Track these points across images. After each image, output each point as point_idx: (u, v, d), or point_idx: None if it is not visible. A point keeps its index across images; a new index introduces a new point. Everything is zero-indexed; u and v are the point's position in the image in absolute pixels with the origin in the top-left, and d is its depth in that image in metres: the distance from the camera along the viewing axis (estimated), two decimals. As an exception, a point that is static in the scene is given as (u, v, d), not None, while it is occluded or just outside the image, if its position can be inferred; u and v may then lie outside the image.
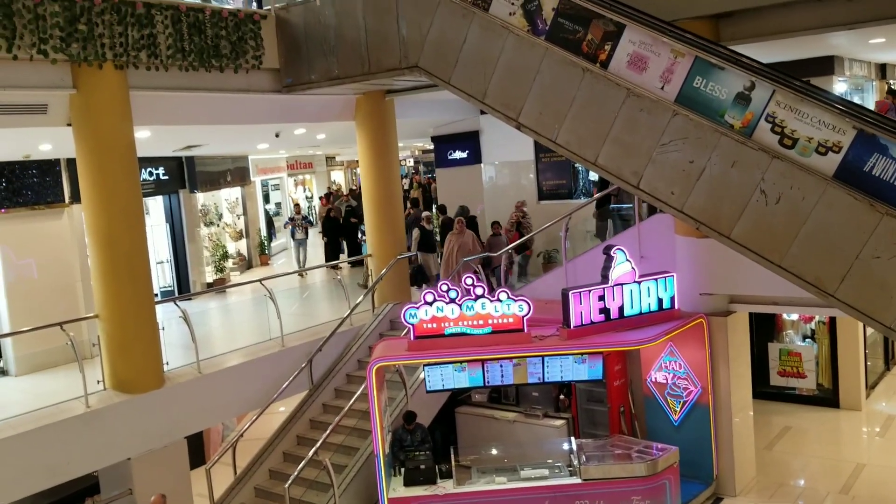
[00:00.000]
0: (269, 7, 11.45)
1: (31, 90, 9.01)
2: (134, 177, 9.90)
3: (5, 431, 8.65)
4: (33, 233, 12.26)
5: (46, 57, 8.75)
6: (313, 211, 25.96)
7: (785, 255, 7.41)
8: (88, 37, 9.07)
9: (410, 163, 38.83)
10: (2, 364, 11.80)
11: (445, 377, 9.46)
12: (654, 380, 10.50)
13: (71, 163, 12.23)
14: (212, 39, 10.38)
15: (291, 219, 20.39)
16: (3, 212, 11.85)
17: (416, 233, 14.92)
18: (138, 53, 9.60)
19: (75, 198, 12.34)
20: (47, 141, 10.91)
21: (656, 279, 9.69)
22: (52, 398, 9.47)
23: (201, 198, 18.64)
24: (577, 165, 15.10)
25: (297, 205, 22.90)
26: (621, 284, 9.45)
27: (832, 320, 12.92)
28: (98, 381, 9.70)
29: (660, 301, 9.73)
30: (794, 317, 13.37)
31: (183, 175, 16.94)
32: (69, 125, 9.59)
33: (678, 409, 10.33)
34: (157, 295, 11.88)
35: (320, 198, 23.34)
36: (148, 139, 11.58)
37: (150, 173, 15.83)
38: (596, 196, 13.04)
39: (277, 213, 25.29)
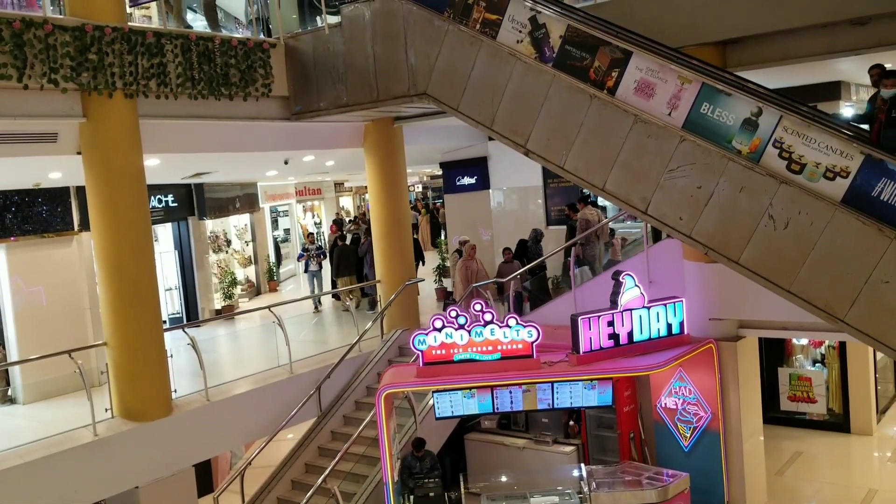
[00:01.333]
0: (278, 36, 11.58)
1: (42, 119, 9.10)
2: (143, 205, 9.95)
3: (14, 460, 8.62)
4: (42, 260, 12.29)
5: (57, 86, 8.85)
6: (322, 237, 25.89)
7: (794, 280, 7.40)
8: (99, 66, 9.18)
9: (419, 188, 38.92)
10: (10, 392, 11.78)
11: (455, 404, 9.40)
12: (663, 405, 10.42)
13: (80, 191, 12.29)
14: (221, 68, 10.49)
15: (305, 250, 18.70)
16: (13, 240, 11.89)
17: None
18: (148, 82, 9.70)
19: (84, 225, 12.40)
20: (57, 169, 10.99)
21: (665, 304, 9.66)
22: (60, 426, 9.45)
23: (210, 224, 18.70)
24: (585, 191, 15.09)
25: (309, 234, 21.49)
26: (630, 310, 9.42)
27: (842, 345, 12.82)
28: (106, 409, 9.68)
29: (669, 326, 9.69)
30: (804, 342, 13.27)
31: (192, 202, 17.03)
32: (79, 153, 9.67)
33: (688, 435, 10.24)
34: (165, 322, 11.87)
35: (330, 226, 22.71)
36: (157, 167, 11.65)
37: (160, 200, 15.91)
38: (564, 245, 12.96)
39: (286, 240, 25.34)
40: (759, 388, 10.83)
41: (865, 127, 7.53)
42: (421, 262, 15.76)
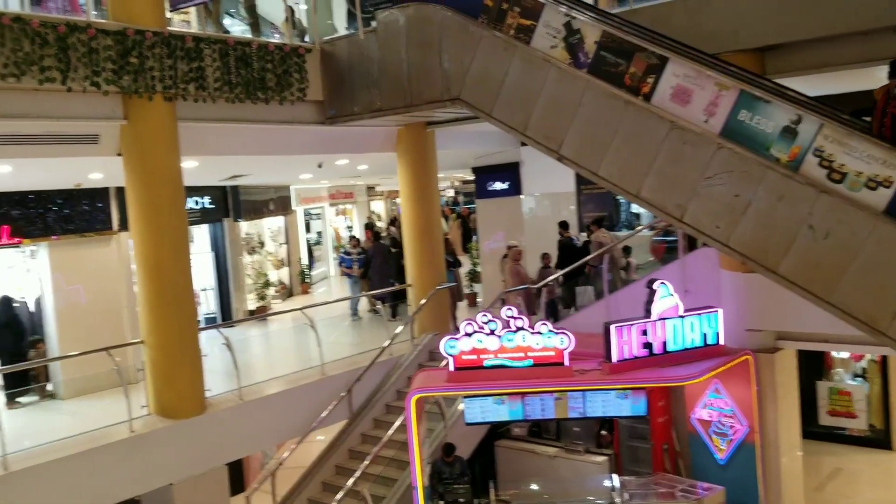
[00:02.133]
0: (313, 41, 11.67)
1: (84, 121, 9.29)
2: (181, 206, 10.11)
3: (52, 454, 8.80)
4: (82, 259, 12.53)
5: (99, 89, 9.02)
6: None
7: (834, 291, 7.24)
8: (139, 69, 9.33)
9: (450, 193, 38.96)
10: (50, 387, 12.01)
11: (485, 410, 9.37)
12: (698, 417, 10.27)
13: (119, 191, 12.50)
14: (258, 72, 10.61)
15: (346, 253, 17.54)
16: (55, 239, 12.13)
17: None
18: (187, 86, 9.84)
19: (123, 225, 12.62)
20: (98, 170, 11.19)
21: (701, 314, 9.52)
22: (97, 422, 9.61)
23: (245, 226, 18.90)
24: (619, 197, 15.00)
25: (353, 237, 19.58)
26: (664, 319, 9.30)
27: (884, 359, 12.54)
28: (142, 406, 9.84)
29: (704, 336, 9.53)
30: (845, 355, 13.00)
31: (227, 204, 17.24)
32: (119, 155, 9.84)
33: (724, 448, 10.07)
34: (200, 322, 12.03)
35: (365, 232, 22.10)
36: (195, 169, 11.81)
37: (196, 202, 16.13)
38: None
39: (318, 243, 25.52)
40: (798, 401, 10.62)
41: None
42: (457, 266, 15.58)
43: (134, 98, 9.40)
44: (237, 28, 13.05)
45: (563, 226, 14.60)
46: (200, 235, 17.16)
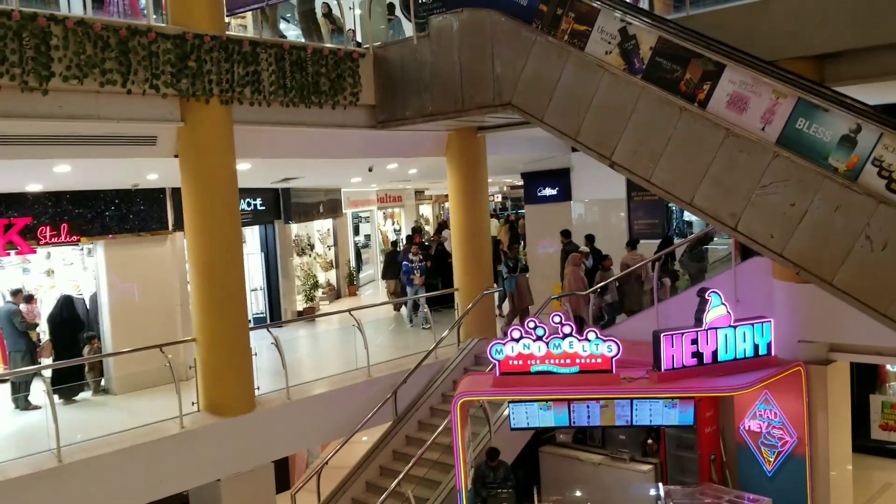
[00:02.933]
0: (367, 45, 11.80)
1: (143, 123, 9.49)
2: (235, 207, 10.28)
3: (104, 448, 9.02)
4: (137, 258, 12.82)
5: (158, 91, 9.23)
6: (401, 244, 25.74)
7: (891, 303, 7.09)
8: (197, 73, 9.53)
9: (498, 198, 38.94)
10: (104, 383, 12.31)
11: (530, 415, 9.34)
12: (747, 428, 10.11)
13: (175, 192, 12.81)
14: (312, 77, 10.76)
15: (409, 261, 16.29)
16: (111, 237, 12.44)
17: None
18: (243, 89, 10.02)
19: (177, 225, 12.90)
20: (154, 171, 11.45)
21: (752, 324, 9.36)
22: (148, 417, 9.83)
23: (295, 228, 19.16)
24: (671, 205, 14.83)
25: (415, 244, 17.46)
26: (716, 328, 9.17)
27: (940, 374, 12.19)
28: (192, 403, 10.04)
29: (756, 347, 9.38)
30: (900, 368, 12.69)
31: (279, 206, 17.50)
32: (176, 156, 10.05)
33: (772, 460, 9.90)
34: (249, 321, 12.23)
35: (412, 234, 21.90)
36: (248, 171, 12.01)
37: (249, 203, 16.41)
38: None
39: (367, 245, 25.74)
40: (849, 414, 10.37)
41: None
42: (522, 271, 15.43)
43: (191, 101, 9.60)
44: (290, 33, 13.25)
45: (566, 234, 14.72)
46: (251, 236, 17.45)
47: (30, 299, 11.74)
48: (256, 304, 17.37)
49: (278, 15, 12.04)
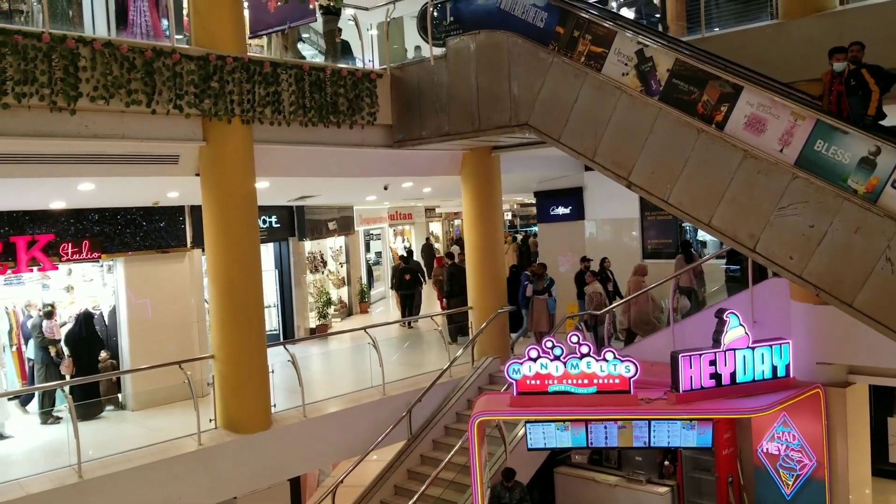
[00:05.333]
0: (384, 66, 11.93)
1: (166, 142, 9.62)
2: (254, 225, 10.39)
3: (122, 464, 9.06)
4: (155, 275, 12.89)
5: (181, 111, 9.37)
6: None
7: (913, 326, 7.08)
8: (220, 93, 9.67)
9: (508, 216, 39.01)
10: (121, 399, 12.37)
11: (548, 435, 9.34)
12: (765, 450, 10.07)
13: (194, 210, 12.91)
14: (331, 97, 10.89)
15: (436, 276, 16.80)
16: (131, 254, 12.54)
17: None
18: (264, 109, 10.15)
19: (196, 242, 13.00)
20: (175, 189, 11.56)
21: (771, 346, 9.35)
22: (166, 434, 9.89)
23: (308, 245, 19.25)
24: (684, 224, 14.86)
25: (441, 256, 18.15)
26: (734, 349, 9.17)
27: (960, 397, 12.10)
28: (210, 420, 10.07)
29: (774, 369, 9.36)
30: (918, 391, 12.59)
31: (293, 223, 17.59)
32: (197, 175, 10.17)
33: (791, 483, 9.85)
34: (265, 338, 12.29)
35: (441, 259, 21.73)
36: (266, 189, 12.11)
37: (264, 221, 16.50)
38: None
39: (378, 263, 25.81)
40: (869, 437, 10.32)
41: None
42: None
43: (213, 120, 9.74)
44: (307, 52, 13.40)
45: (584, 259, 14.65)
46: (266, 253, 17.49)
47: (50, 315, 11.84)
48: (270, 321, 17.40)
49: (298, 35, 12.17)
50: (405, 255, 21.46)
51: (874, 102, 7.80)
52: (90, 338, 11.98)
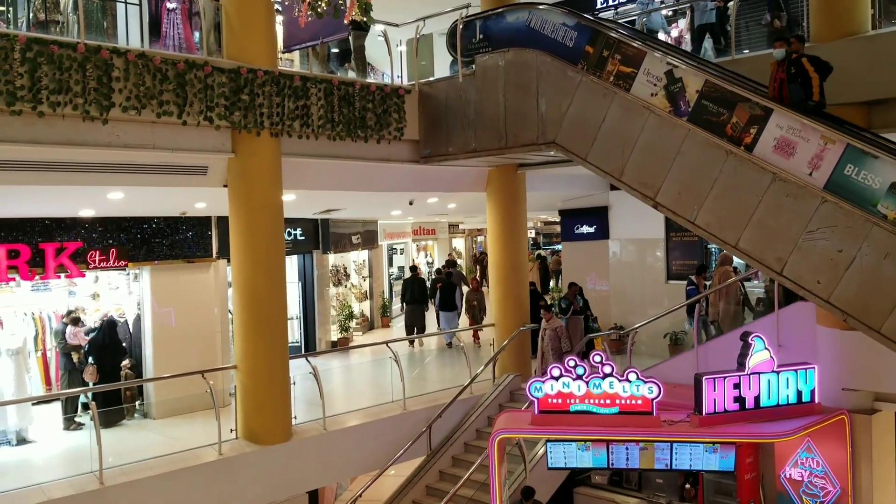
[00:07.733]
0: (413, 82, 12.01)
1: (195, 153, 9.74)
2: (280, 237, 10.47)
3: (143, 472, 9.11)
4: (181, 284, 12.99)
5: (211, 123, 9.50)
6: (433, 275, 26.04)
7: (943, 354, 6.98)
8: (250, 106, 9.79)
9: (532, 234, 38.97)
10: (143, 407, 12.45)
11: (568, 455, 9.28)
12: (788, 476, 9.92)
13: (220, 220, 13.03)
14: (359, 111, 10.98)
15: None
16: (157, 263, 12.66)
17: None
18: (292, 122, 10.25)
19: (221, 253, 13.11)
20: (202, 199, 11.69)
21: (796, 370, 9.25)
22: (187, 443, 9.94)
23: (332, 258, 19.34)
24: (709, 245, 14.76)
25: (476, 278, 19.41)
26: (759, 373, 9.07)
27: None
28: (231, 430, 10.11)
29: (799, 393, 9.25)
30: (946, 420, 12.35)
31: (318, 236, 17.70)
32: (225, 186, 10.28)
33: (814, 510, 9.71)
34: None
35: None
36: (293, 202, 12.20)
37: (289, 233, 16.60)
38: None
39: (399, 277, 25.85)
40: (894, 465, 10.14)
41: None
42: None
43: (243, 133, 9.84)
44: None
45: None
46: (290, 265, 17.60)
47: (76, 322, 11.97)
48: (292, 332, 17.47)
49: (328, 50, 12.30)
50: (443, 268, 21.50)
51: (816, 88, 8.17)
52: (113, 345, 12.08)
